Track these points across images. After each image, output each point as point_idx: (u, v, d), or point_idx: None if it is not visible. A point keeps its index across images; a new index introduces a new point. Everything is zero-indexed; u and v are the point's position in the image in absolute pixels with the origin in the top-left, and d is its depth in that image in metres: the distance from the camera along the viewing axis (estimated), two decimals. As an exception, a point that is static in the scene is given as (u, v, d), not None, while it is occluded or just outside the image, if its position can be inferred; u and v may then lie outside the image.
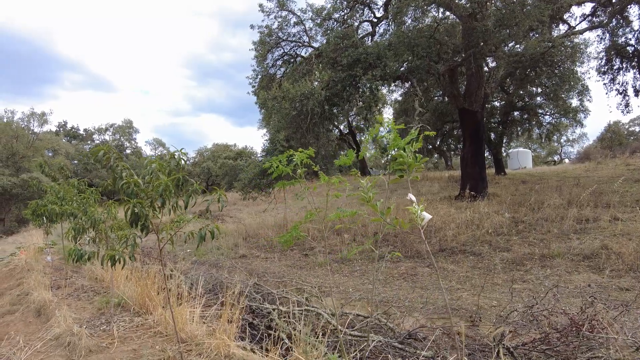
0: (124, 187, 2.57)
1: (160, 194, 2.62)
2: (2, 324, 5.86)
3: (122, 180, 2.58)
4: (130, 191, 2.57)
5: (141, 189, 2.66)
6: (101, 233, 4.90)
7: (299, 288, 6.93)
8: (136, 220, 2.61)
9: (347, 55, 11.46)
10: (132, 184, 2.59)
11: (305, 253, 9.67)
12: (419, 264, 7.85)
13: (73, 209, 4.74)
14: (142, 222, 2.65)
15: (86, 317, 5.11)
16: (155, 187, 2.64)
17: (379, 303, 5.85)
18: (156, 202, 2.70)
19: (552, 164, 51.01)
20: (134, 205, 2.55)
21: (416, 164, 2.24)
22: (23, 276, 9.16)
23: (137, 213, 2.57)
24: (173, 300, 4.71)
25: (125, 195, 2.59)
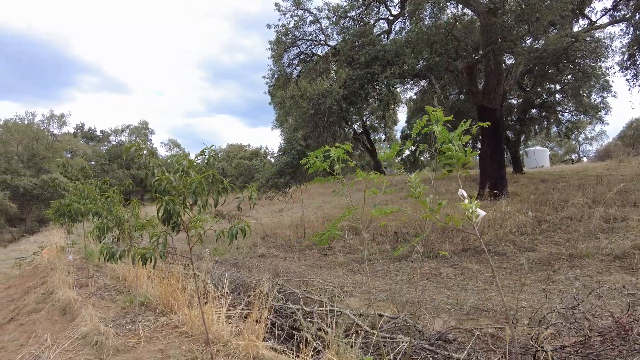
0: (155, 183, 2.51)
1: (194, 191, 2.56)
2: (29, 322, 5.91)
3: (154, 177, 2.52)
4: (163, 188, 2.51)
5: (173, 186, 2.60)
6: (125, 232, 4.88)
7: (321, 288, 6.85)
8: (168, 218, 2.55)
9: (364, 52, 11.33)
10: (165, 180, 2.53)
11: (324, 253, 9.58)
12: (442, 264, 7.69)
13: (97, 207, 4.73)
14: (174, 220, 2.59)
15: (111, 316, 5.10)
16: (188, 184, 2.58)
17: (405, 304, 5.72)
18: (188, 200, 2.64)
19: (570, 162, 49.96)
20: (167, 202, 2.49)
21: (465, 158, 2.12)
22: (46, 275, 9.28)
23: (169, 210, 2.51)
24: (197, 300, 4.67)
25: (157, 193, 2.53)
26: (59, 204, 8.04)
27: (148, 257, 2.67)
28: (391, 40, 12.48)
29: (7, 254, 17.91)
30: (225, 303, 4.33)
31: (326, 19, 14.55)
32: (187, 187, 2.60)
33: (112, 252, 2.63)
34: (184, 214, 2.75)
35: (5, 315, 7.16)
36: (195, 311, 4.43)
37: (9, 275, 10.99)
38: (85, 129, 58.94)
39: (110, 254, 2.62)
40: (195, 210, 2.96)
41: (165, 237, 2.78)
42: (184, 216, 2.81)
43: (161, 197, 2.52)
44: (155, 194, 2.56)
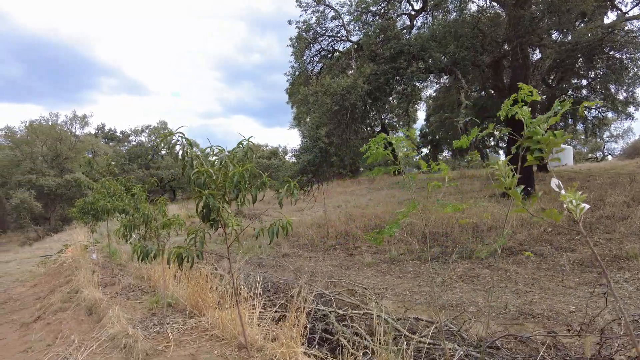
0: (195, 176, 2.28)
1: (236, 185, 2.32)
2: (56, 322, 5.81)
3: (193, 169, 2.30)
4: (202, 182, 2.28)
5: (212, 179, 2.37)
6: (152, 230, 4.71)
7: (350, 289, 6.59)
8: (208, 214, 2.33)
9: (389, 47, 11.01)
10: (205, 173, 2.30)
11: (350, 252, 9.30)
12: (477, 265, 7.33)
13: (124, 205, 4.56)
14: (213, 217, 2.36)
15: (138, 318, 4.94)
16: (230, 178, 2.35)
17: (442, 307, 5.41)
18: (228, 195, 2.41)
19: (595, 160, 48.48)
20: (207, 197, 2.27)
21: (556, 142, 1.83)
22: (71, 273, 9.25)
23: (209, 206, 2.28)
24: (227, 302, 4.46)
25: (197, 186, 2.30)
26: (83, 202, 7.97)
27: (185, 256, 2.45)
28: (415, 35, 12.11)
29: (33, 252, 18.18)
30: (258, 305, 4.11)
31: (347, 14, 14.27)
32: (228, 180, 2.37)
33: (146, 252, 2.42)
34: (223, 210, 2.52)
35: (32, 313, 7.12)
36: (225, 313, 4.22)
37: (35, 274, 11.05)
38: (106, 129, 59.95)
39: (145, 254, 2.42)
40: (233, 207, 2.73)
41: (203, 235, 2.56)
42: (224, 212, 2.58)
43: (200, 192, 2.30)
44: (194, 188, 2.34)
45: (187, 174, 2.36)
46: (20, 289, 9.73)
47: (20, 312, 7.52)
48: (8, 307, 8.07)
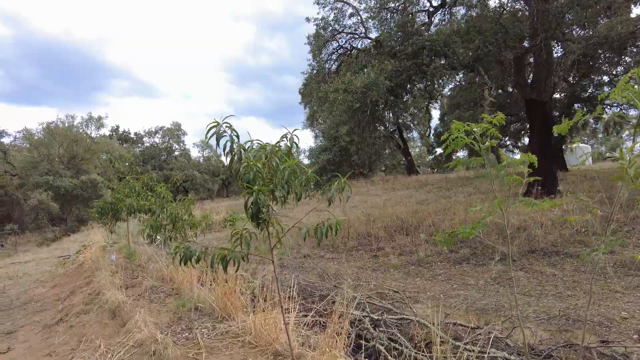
0: (244, 170, 2.06)
1: (287, 181, 2.10)
2: (79, 324, 5.67)
3: (242, 162, 2.07)
4: (252, 177, 2.06)
5: (261, 175, 2.15)
6: (179, 230, 4.52)
7: (380, 292, 6.33)
8: (257, 213, 2.10)
9: (411, 43, 10.72)
10: (254, 168, 2.08)
11: (373, 254, 9.04)
12: (510, 267, 7.00)
13: (151, 204, 4.38)
14: (262, 216, 2.14)
15: (164, 322, 4.75)
16: (280, 173, 2.12)
17: (481, 312, 5.12)
18: (277, 192, 2.18)
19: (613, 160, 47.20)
20: (257, 193, 2.04)
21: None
22: (90, 274, 9.15)
23: (259, 203, 2.06)
24: (260, 305, 4.24)
25: (245, 182, 2.08)
26: (103, 202, 7.85)
27: (230, 259, 2.23)
28: (437, 30, 11.80)
29: (51, 253, 18.27)
30: (294, 309, 3.87)
31: (365, 11, 14.00)
32: (278, 176, 2.14)
33: (189, 254, 2.21)
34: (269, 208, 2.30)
35: (54, 315, 7.00)
36: (257, 318, 3.99)
37: (54, 274, 11.01)
38: (120, 131, 60.56)
39: (188, 256, 2.21)
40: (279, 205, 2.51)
41: (249, 236, 2.34)
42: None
43: (250, 187, 2.07)
44: (242, 184, 2.12)
45: (236, 168, 2.14)
46: (40, 289, 9.67)
47: (41, 314, 7.42)
48: (29, 308, 7.99)
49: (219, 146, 2.18)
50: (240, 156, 2.17)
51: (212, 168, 51.72)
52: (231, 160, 2.20)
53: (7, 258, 20.89)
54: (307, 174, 2.58)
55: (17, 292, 9.52)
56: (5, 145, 36.84)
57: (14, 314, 7.75)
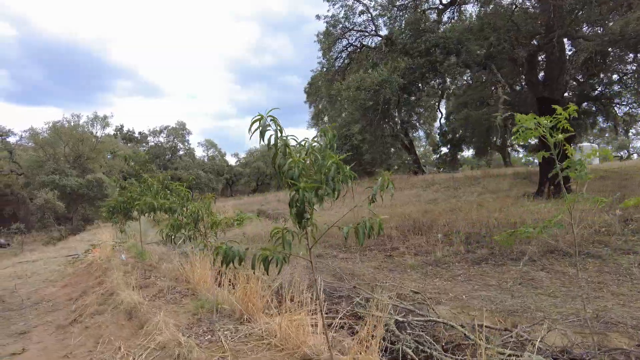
0: (289, 166, 1.94)
1: (333, 177, 1.97)
2: (94, 325, 5.57)
3: (286, 158, 1.95)
4: (297, 173, 1.94)
5: (306, 171, 2.03)
6: (200, 230, 4.41)
7: (399, 293, 6.20)
8: (303, 211, 1.98)
9: (424, 40, 10.58)
10: (299, 164, 1.96)
11: (388, 254, 8.90)
12: (531, 268, 6.86)
13: (171, 203, 4.27)
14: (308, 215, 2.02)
15: (183, 323, 4.63)
16: (326, 169, 2.00)
17: (506, 313, 4.99)
18: (322, 189, 2.06)
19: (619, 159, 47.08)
20: (304, 191, 1.92)
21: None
22: (102, 274, 9.07)
23: (303, 202, 1.94)
24: (286, 306, 4.12)
25: (290, 179, 1.96)
26: (115, 201, 7.75)
27: (272, 259, 2.12)
28: (449, 28, 11.65)
29: (58, 252, 18.23)
30: (321, 310, 3.75)
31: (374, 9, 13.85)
32: (323, 172, 2.02)
33: (232, 254, 2.08)
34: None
35: (67, 315, 6.91)
36: (283, 320, 3.87)
37: (64, 273, 10.93)
38: (124, 131, 60.68)
39: (230, 257, 2.08)
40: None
41: (291, 235, 2.22)
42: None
43: (295, 185, 1.95)
44: (287, 181, 2.00)
45: (279, 164, 2.02)
46: (50, 289, 9.59)
47: (54, 314, 7.33)
48: (41, 308, 7.90)
49: (263, 140, 2.07)
50: (284, 151, 2.05)
51: (216, 167, 51.72)
52: (274, 155, 2.08)
53: (14, 257, 20.89)
54: (345, 171, 2.46)
55: (28, 292, 9.45)
56: (11, 145, 36.96)
57: (25, 313, 7.67)
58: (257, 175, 46.02)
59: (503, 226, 9.23)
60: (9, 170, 34.67)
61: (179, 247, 11.30)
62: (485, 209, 11.86)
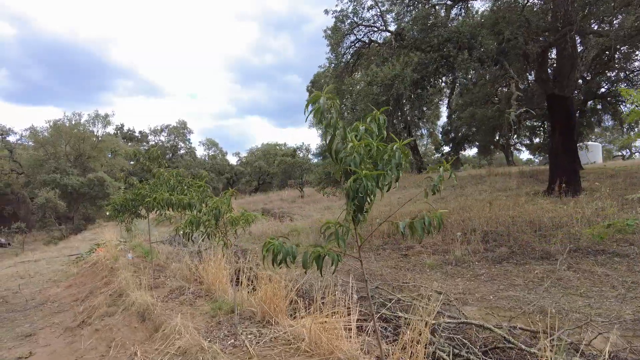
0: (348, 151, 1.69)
1: (398, 163, 1.72)
2: (105, 328, 5.32)
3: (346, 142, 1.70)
4: (359, 160, 1.69)
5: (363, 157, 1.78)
6: (221, 227, 4.16)
7: (421, 294, 5.96)
8: (363, 204, 1.73)
9: (436, 35, 10.33)
10: (360, 148, 1.71)
11: (403, 253, 8.65)
12: (555, 266, 6.61)
13: (191, 199, 4.02)
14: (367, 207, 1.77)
15: (202, 326, 4.38)
16: (389, 154, 1.75)
17: (538, 314, 4.74)
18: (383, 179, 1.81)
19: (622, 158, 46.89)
20: (367, 179, 1.67)
21: None
22: (108, 274, 8.82)
23: (366, 192, 1.69)
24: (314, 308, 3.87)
25: (350, 166, 1.71)
26: (123, 199, 7.49)
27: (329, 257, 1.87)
28: (461, 22, 11.40)
29: (60, 251, 17.98)
30: (354, 313, 3.50)
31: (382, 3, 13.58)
32: (385, 159, 1.77)
33: (285, 252, 1.83)
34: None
35: (74, 317, 6.66)
36: (311, 322, 3.62)
37: (68, 273, 10.67)
38: (125, 130, 60.29)
39: (283, 254, 1.83)
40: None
41: (347, 231, 1.97)
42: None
43: (356, 172, 1.71)
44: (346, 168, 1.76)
45: (336, 149, 1.78)
46: (55, 289, 9.35)
47: (60, 315, 7.08)
48: (46, 309, 7.66)
49: (321, 122, 1.82)
50: (343, 136, 1.81)
51: (217, 167, 51.39)
52: (331, 140, 1.83)
53: (15, 257, 20.62)
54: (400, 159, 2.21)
55: (32, 292, 9.20)
56: (11, 144, 36.65)
57: (30, 314, 7.42)
58: (258, 174, 45.73)
59: (520, 224, 9.00)
60: (9, 170, 34.37)
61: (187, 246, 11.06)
62: (497, 207, 11.62)
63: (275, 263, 1.86)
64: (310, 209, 21.45)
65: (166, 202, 3.90)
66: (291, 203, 25.50)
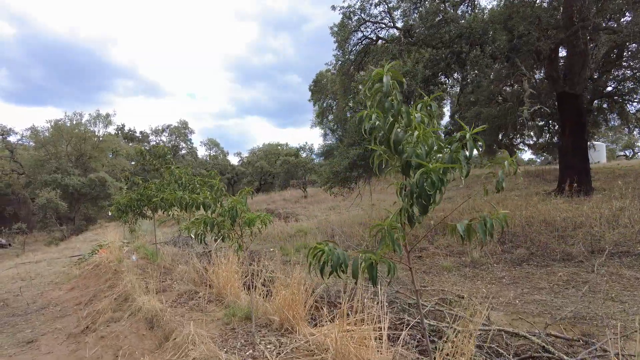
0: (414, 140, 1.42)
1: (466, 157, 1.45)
2: (111, 335, 5.04)
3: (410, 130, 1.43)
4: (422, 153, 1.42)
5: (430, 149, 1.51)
6: (236, 229, 3.89)
7: (443, 298, 5.69)
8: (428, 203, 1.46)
9: (448, 30, 10.06)
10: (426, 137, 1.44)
11: (418, 255, 8.37)
12: (579, 269, 6.34)
13: (205, 197, 3.75)
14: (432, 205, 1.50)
15: (216, 335, 4.10)
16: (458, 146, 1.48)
17: (573, 320, 4.46)
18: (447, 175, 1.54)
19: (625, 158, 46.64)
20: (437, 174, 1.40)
21: None
22: (111, 277, 8.54)
23: (434, 188, 1.42)
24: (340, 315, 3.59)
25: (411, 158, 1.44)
26: (128, 198, 7.23)
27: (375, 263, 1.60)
28: (472, 17, 11.13)
29: (61, 252, 17.70)
30: (384, 320, 3.23)
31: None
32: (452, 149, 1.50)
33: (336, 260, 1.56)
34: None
35: (77, 322, 6.38)
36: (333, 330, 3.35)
37: (70, 275, 10.39)
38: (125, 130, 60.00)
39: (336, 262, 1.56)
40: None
41: (403, 235, 1.70)
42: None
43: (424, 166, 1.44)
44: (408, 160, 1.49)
45: (397, 139, 1.51)
46: (56, 292, 9.07)
47: (62, 320, 6.81)
48: (48, 313, 7.38)
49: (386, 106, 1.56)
50: (408, 122, 1.54)
51: (219, 167, 51.10)
52: (391, 127, 1.57)
53: (16, 258, 20.35)
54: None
55: (32, 295, 8.93)
56: (12, 144, 36.39)
57: (32, 319, 7.15)
58: (260, 174, 45.44)
59: (536, 225, 8.73)
60: (9, 170, 34.11)
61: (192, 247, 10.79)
62: (509, 207, 11.35)
63: (324, 273, 1.59)
64: (315, 209, 21.19)
65: (179, 202, 3.62)
66: (294, 203, 25.25)
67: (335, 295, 4.78)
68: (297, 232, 12.68)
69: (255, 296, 4.62)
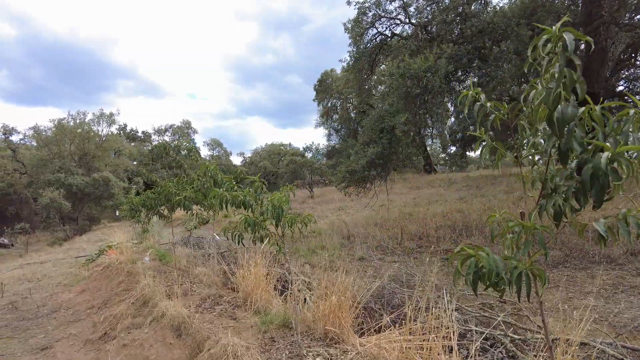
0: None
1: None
2: (135, 343, 4.70)
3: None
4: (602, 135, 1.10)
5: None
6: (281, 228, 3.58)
7: (483, 302, 5.38)
8: (602, 198, 1.15)
9: (470, 25, 9.76)
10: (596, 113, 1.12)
11: (443, 257, 8.06)
12: (624, 272, 6.01)
13: (246, 195, 3.44)
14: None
15: (254, 344, 3.77)
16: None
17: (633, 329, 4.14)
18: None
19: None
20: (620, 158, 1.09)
21: None
22: (124, 279, 8.22)
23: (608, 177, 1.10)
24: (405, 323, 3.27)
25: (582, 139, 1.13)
26: (146, 196, 6.91)
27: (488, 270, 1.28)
28: (494, 12, 10.84)
29: (66, 253, 17.38)
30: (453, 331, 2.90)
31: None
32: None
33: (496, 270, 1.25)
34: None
35: (93, 327, 6.06)
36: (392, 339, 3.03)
37: (78, 277, 10.07)
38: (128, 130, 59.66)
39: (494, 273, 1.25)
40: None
41: (553, 234, 1.38)
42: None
43: (606, 148, 1.12)
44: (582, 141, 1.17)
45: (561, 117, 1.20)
46: (67, 294, 8.75)
47: (77, 325, 6.48)
48: (60, 317, 7.05)
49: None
50: (583, 94, 1.24)
51: (222, 167, 50.74)
52: (555, 100, 1.26)
53: (19, 258, 20.03)
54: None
55: (42, 297, 8.62)
56: (14, 144, 36.08)
57: (44, 323, 6.82)
58: (263, 175, 45.18)
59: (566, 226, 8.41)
60: (11, 170, 33.80)
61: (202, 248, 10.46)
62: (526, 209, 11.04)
63: (478, 285, 1.28)
64: (323, 209, 20.86)
65: (220, 200, 3.31)
66: (301, 204, 24.92)
67: (384, 302, 4.46)
68: (310, 232, 12.37)
69: (294, 302, 4.30)
